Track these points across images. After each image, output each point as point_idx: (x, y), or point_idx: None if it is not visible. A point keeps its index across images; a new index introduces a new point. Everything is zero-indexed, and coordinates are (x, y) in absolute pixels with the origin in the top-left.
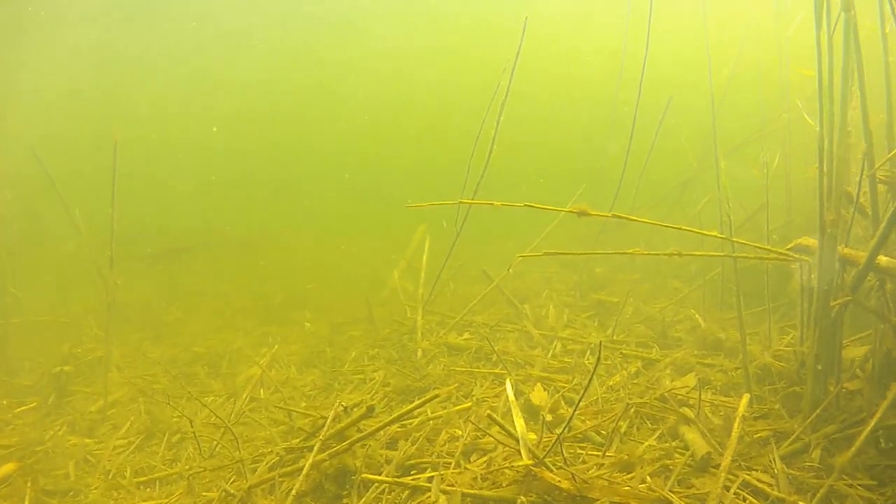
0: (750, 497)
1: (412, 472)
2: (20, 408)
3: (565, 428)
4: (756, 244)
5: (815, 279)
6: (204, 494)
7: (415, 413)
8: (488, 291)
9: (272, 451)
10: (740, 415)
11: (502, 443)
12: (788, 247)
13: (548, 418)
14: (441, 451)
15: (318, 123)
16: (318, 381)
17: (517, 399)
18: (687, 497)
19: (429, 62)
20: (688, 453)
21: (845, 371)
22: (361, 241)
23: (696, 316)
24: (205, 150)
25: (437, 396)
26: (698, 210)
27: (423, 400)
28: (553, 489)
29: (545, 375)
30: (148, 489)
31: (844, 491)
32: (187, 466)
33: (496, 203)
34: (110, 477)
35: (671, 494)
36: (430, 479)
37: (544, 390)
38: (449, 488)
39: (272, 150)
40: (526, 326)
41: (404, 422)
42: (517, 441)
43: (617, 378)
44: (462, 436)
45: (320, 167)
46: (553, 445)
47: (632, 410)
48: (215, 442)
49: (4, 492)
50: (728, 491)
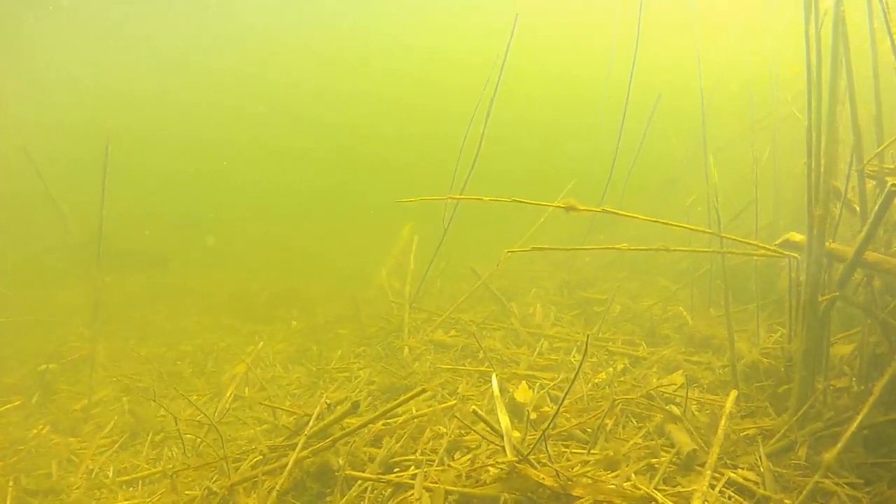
0: (735, 495)
1: (396, 470)
2: (3, 406)
3: (550, 424)
4: (744, 240)
5: (803, 275)
6: (187, 493)
7: (399, 411)
8: (476, 289)
9: (255, 450)
10: (727, 412)
11: (487, 439)
12: (776, 243)
13: (532, 416)
14: (425, 449)
15: (306, 122)
16: (304, 380)
17: (502, 397)
18: (672, 495)
19: (419, 59)
20: (673, 451)
21: (833, 368)
22: (349, 240)
23: (685, 314)
24: (191, 148)
25: (424, 391)
26: (686, 207)
27: (409, 396)
28: (537, 487)
29: (530, 373)
30: (131, 488)
31: (830, 489)
32: (171, 465)
33: (484, 198)
34: (93, 476)
35: (656, 492)
36: (414, 477)
37: (529, 388)
38: (432, 485)
39: (259, 149)
40: (513, 324)
41: (388, 420)
42: (501, 438)
43: (603, 375)
44: (446, 433)
45: (308, 166)
46: (537, 442)
47: (618, 408)
48: (199, 440)
49: None
50: (713, 489)
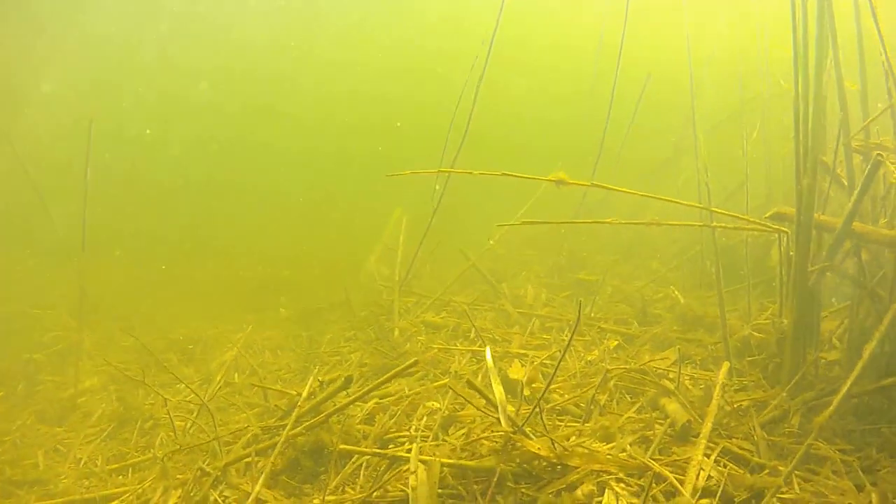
0: (730, 464)
1: (390, 446)
2: None
3: (544, 393)
4: (734, 214)
5: (793, 246)
6: (178, 477)
7: (392, 390)
8: (465, 271)
9: (248, 429)
10: (721, 382)
11: (482, 411)
12: (766, 216)
13: (525, 392)
14: (419, 425)
15: (291, 106)
16: (294, 365)
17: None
18: (667, 464)
19: (407, 37)
20: (668, 421)
21: (823, 342)
22: (338, 227)
23: (676, 293)
24: (178, 134)
25: (417, 362)
26: (679, 186)
27: (401, 368)
28: (533, 457)
29: (523, 352)
30: (121, 476)
31: (823, 454)
32: (161, 450)
33: (474, 172)
34: (81, 465)
35: (652, 461)
36: (409, 451)
37: (522, 366)
38: (428, 459)
39: (246, 136)
40: (504, 305)
41: (381, 399)
42: (496, 408)
43: (595, 353)
44: (440, 409)
45: (294, 152)
46: (532, 412)
47: (611, 382)
48: (190, 425)
49: None
50: (708, 458)
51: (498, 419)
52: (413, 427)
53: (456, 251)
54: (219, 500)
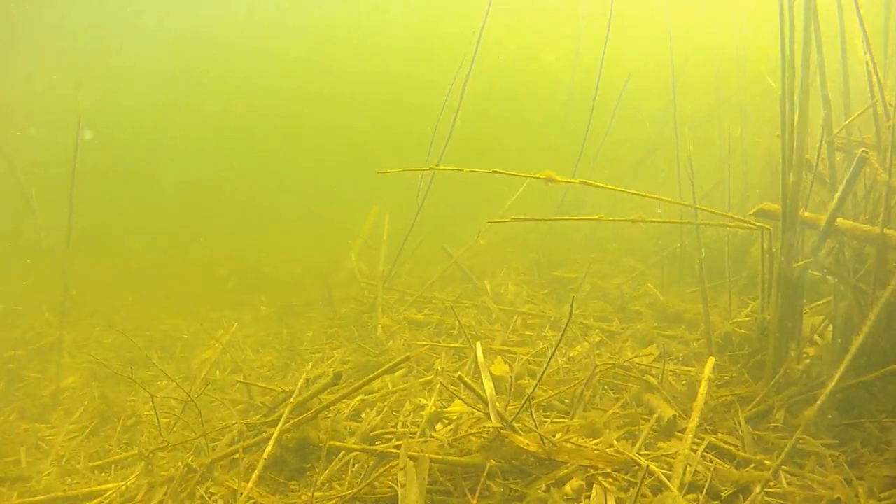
0: (716, 458)
1: (377, 443)
2: None
3: (535, 389)
4: (718, 211)
5: (777, 243)
6: (163, 474)
7: (376, 386)
8: (447, 268)
9: (233, 426)
10: (706, 376)
11: (470, 406)
12: (750, 212)
13: (511, 388)
14: (406, 421)
15: (273, 107)
16: (276, 362)
17: (479, 371)
18: (654, 459)
19: (392, 37)
20: (653, 417)
21: (805, 338)
22: (318, 225)
23: (655, 290)
24: (160, 134)
25: (408, 359)
26: (658, 183)
27: (391, 364)
28: (521, 453)
29: (506, 349)
30: (103, 473)
31: (809, 449)
32: (146, 447)
33: (465, 169)
34: (63, 462)
35: (639, 457)
36: (398, 447)
37: (505, 363)
38: (417, 454)
39: (227, 136)
40: (485, 302)
41: (367, 396)
42: (486, 404)
43: (578, 349)
44: (427, 405)
45: (275, 152)
46: (521, 408)
47: (595, 378)
48: (174, 422)
49: None
50: (695, 452)
51: (486, 415)
52: (400, 423)
53: (436, 249)
54: (205, 497)
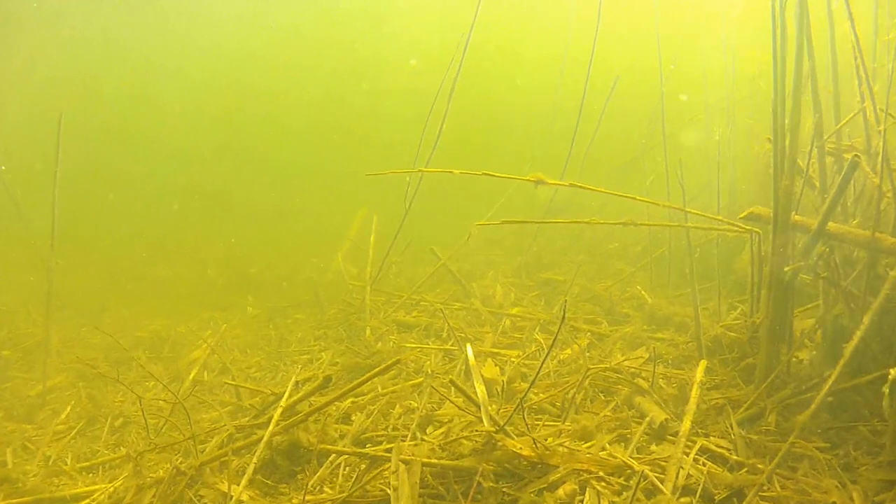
0: (709, 462)
1: (367, 446)
2: None
3: (527, 393)
4: (709, 215)
5: (769, 246)
6: (151, 476)
7: (366, 389)
8: (435, 271)
9: (223, 428)
10: (698, 380)
11: (462, 410)
12: (741, 216)
13: (503, 391)
14: (396, 424)
15: (261, 108)
16: (264, 363)
17: (469, 373)
18: (647, 463)
19: (382, 38)
20: (645, 421)
21: (795, 341)
22: (305, 226)
23: (643, 293)
24: (147, 135)
25: (399, 362)
26: (647, 186)
27: (382, 367)
28: (514, 457)
29: (496, 351)
30: (91, 474)
31: (801, 452)
32: (134, 448)
33: (455, 171)
34: (50, 463)
35: (632, 460)
36: (389, 450)
37: (495, 366)
38: (409, 458)
39: (215, 137)
40: (474, 304)
41: (357, 399)
42: (478, 408)
43: (568, 352)
44: (418, 408)
45: (263, 153)
46: (514, 412)
47: (586, 381)
48: (162, 423)
49: None
50: (687, 456)
51: (479, 418)
52: (390, 426)
53: (424, 251)
54: (195, 501)
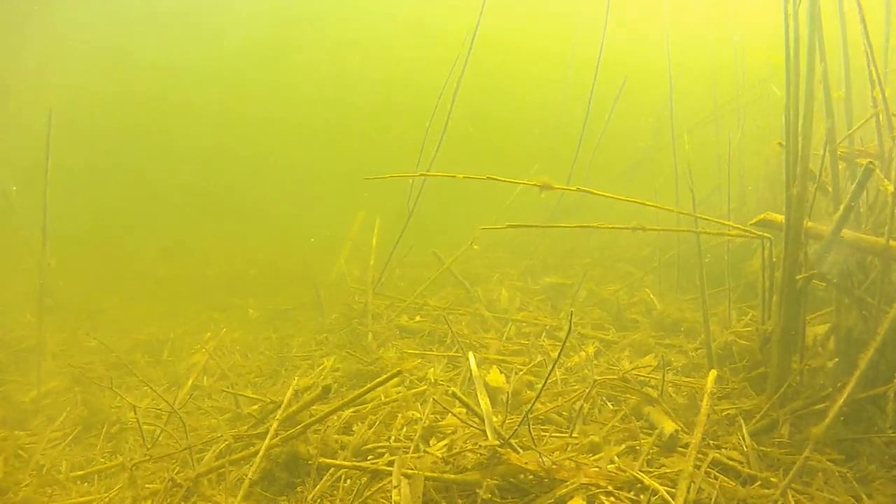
0: (721, 475)
1: (370, 458)
2: None
3: (532, 405)
4: (719, 220)
5: (781, 253)
6: (147, 487)
7: (368, 397)
8: (439, 274)
9: (220, 438)
10: (709, 391)
11: (465, 422)
12: (752, 222)
13: (508, 402)
14: (399, 435)
15: (263, 109)
16: (265, 368)
17: (474, 381)
18: (657, 477)
19: (387, 37)
20: (655, 432)
21: (808, 349)
22: (307, 228)
23: (652, 298)
24: (148, 135)
25: (400, 373)
26: (656, 189)
27: (383, 378)
28: (519, 471)
29: (501, 358)
30: (86, 483)
31: (815, 465)
32: (129, 457)
33: (458, 175)
34: (44, 472)
35: (641, 474)
36: (391, 464)
37: (500, 373)
38: (411, 472)
39: (217, 137)
40: (478, 309)
41: (358, 407)
42: (481, 420)
43: (575, 359)
44: (420, 419)
45: (265, 154)
46: (519, 425)
47: (594, 390)
48: (159, 431)
49: None
50: (699, 469)
51: (483, 431)
52: (393, 437)
53: (427, 254)
54: None
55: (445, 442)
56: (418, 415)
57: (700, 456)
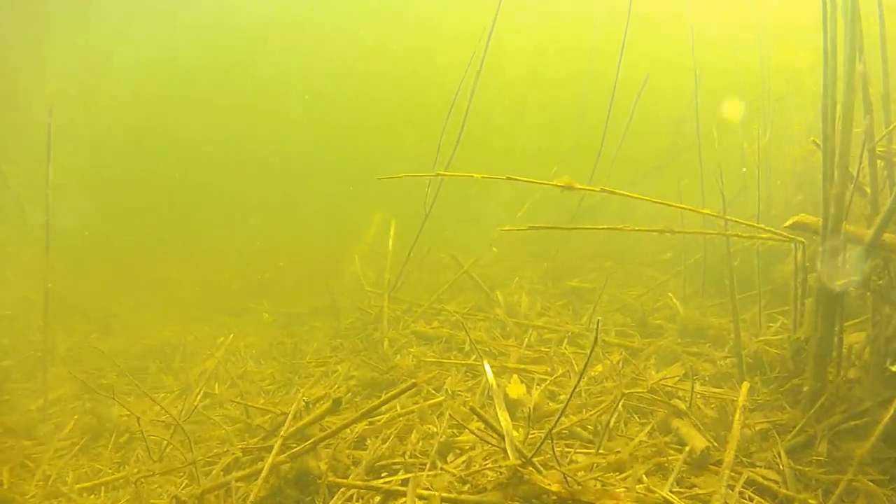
0: (756, 496)
1: (383, 474)
2: None
3: (556, 424)
4: (750, 223)
5: (817, 258)
6: (153, 501)
7: (383, 408)
8: (457, 278)
9: (228, 452)
10: (741, 405)
11: (483, 440)
12: (785, 225)
13: (530, 416)
14: (414, 451)
15: (276, 108)
16: (278, 375)
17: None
18: (688, 498)
19: (404, 37)
20: (685, 449)
21: (844, 359)
22: (322, 231)
23: (675, 302)
24: (159, 136)
25: (415, 385)
26: (680, 190)
27: (397, 391)
28: (542, 492)
29: (521, 367)
30: (92, 496)
31: (856, 486)
32: (135, 470)
33: (476, 175)
34: (50, 483)
35: (671, 496)
36: (405, 483)
37: (521, 383)
38: (426, 493)
39: (228, 138)
40: (498, 315)
41: (373, 420)
42: (501, 438)
43: (599, 368)
44: (437, 433)
45: (279, 155)
46: (542, 442)
47: (620, 404)
48: (166, 442)
49: None
50: (732, 490)
51: (503, 449)
52: (408, 452)
53: (445, 257)
54: None
55: (463, 459)
56: (434, 429)
57: (733, 475)
